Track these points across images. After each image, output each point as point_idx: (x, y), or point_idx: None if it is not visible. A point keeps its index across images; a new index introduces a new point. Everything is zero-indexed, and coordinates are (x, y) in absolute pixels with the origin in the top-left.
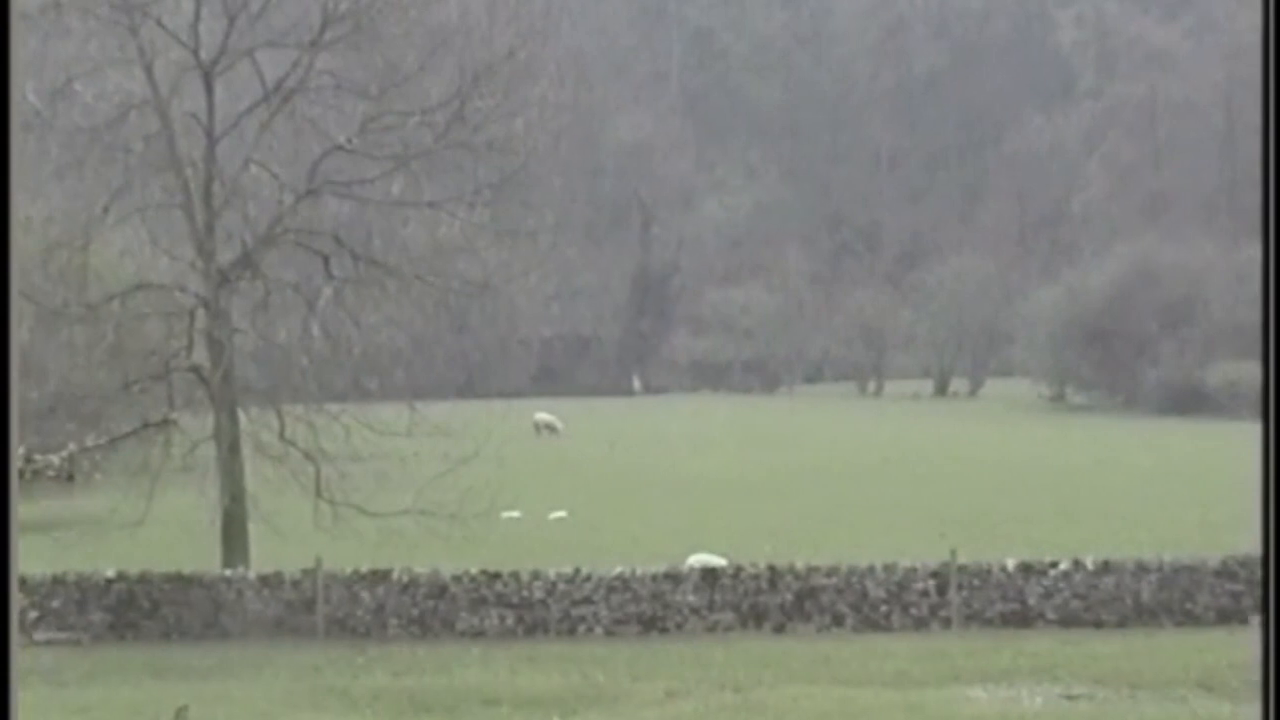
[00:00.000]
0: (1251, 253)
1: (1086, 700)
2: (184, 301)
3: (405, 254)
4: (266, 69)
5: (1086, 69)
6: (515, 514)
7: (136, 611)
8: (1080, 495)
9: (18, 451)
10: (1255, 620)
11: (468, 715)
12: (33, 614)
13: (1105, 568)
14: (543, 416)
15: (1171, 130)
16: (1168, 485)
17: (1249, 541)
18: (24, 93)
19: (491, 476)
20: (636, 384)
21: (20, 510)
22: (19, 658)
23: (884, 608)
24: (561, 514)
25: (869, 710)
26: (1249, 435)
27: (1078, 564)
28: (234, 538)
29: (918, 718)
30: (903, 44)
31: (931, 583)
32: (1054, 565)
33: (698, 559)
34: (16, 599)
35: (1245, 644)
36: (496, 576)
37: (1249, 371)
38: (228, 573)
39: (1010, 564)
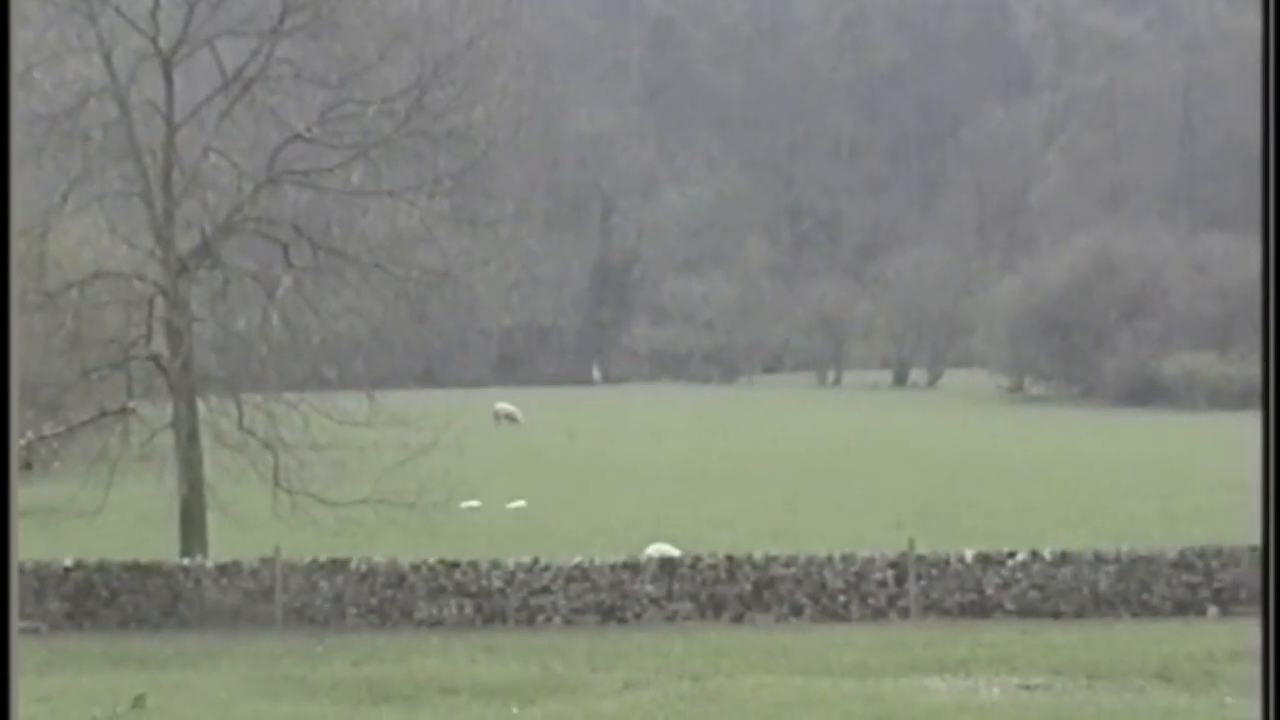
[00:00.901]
0: (1209, 244)
1: (1044, 691)
2: (143, 290)
3: (365, 243)
4: (226, 57)
5: (1045, 60)
6: (474, 503)
7: (94, 600)
8: (1038, 486)
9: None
10: (1212, 611)
11: (426, 704)
12: None
13: (1063, 558)
14: (502, 406)
15: (1130, 122)
16: (1125, 476)
17: (1206, 532)
18: None
19: (451, 466)
20: (596, 374)
21: None
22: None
23: (842, 598)
24: (520, 503)
25: (827, 700)
26: (1206, 426)
27: (1035, 554)
28: (192, 527)
29: (876, 708)
30: (863, 35)
31: (890, 573)
32: (1012, 556)
33: (656, 549)
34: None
35: (1202, 635)
36: (455, 566)
37: (1206, 362)
38: (186, 562)
39: (968, 554)
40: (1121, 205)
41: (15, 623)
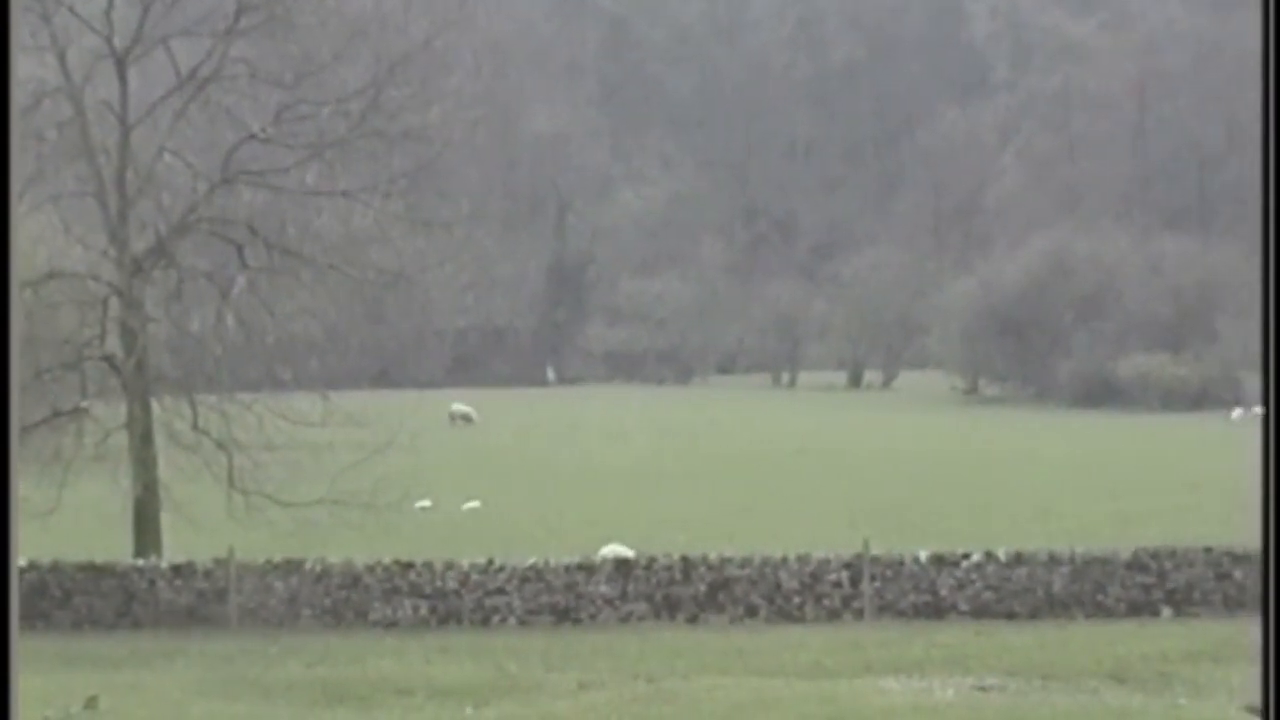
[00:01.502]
0: (1163, 245)
1: (998, 691)
2: (97, 290)
3: (319, 243)
4: (181, 57)
5: (1001, 61)
6: (427, 503)
7: (48, 601)
8: (993, 487)
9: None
10: (1166, 612)
11: (381, 705)
12: None
13: (1017, 559)
14: (458, 407)
15: (1085, 123)
16: (1080, 477)
17: (1160, 533)
18: None
19: (406, 466)
20: (551, 374)
21: None
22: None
23: (797, 599)
24: (475, 504)
25: (782, 701)
26: (1159, 427)
27: (990, 555)
28: (146, 527)
29: (831, 709)
30: (819, 35)
31: (844, 574)
32: (966, 557)
33: (610, 550)
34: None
35: (1156, 636)
36: (410, 566)
37: (1160, 363)
38: (140, 562)
39: (923, 555)
40: (1076, 206)
41: (15, 622)
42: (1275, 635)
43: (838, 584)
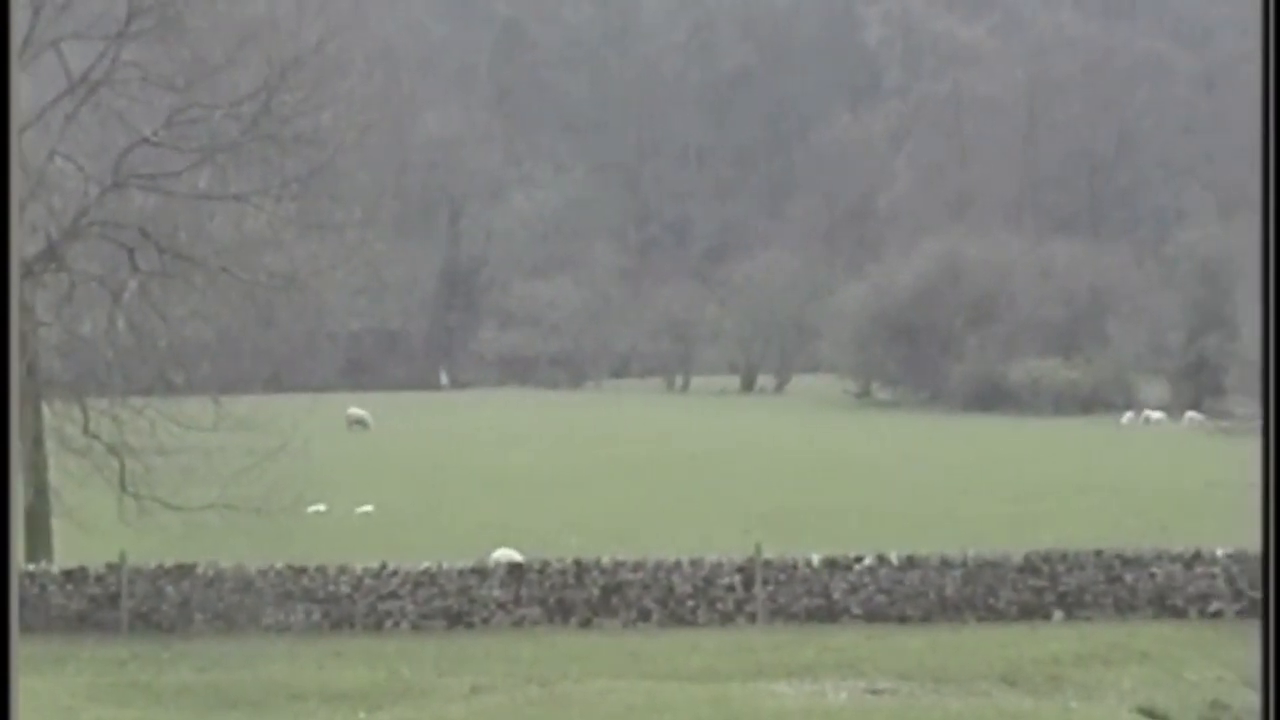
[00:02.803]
0: (1054, 249)
1: (891, 695)
2: None
3: (211, 247)
4: (72, 60)
5: (892, 66)
6: (321, 508)
7: None
8: (885, 491)
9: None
10: (1058, 615)
11: (274, 710)
12: None
13: (910, 563)
14: (354, 411)
15: (976, 128)
16: (972, 481)
17: (1051, 537)
18: None
19: (298, 471)
20: (444, 378)
21: None
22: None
23: (690, 603)
24: (368, 508)
25: (674, 705)
26: (1051, 431)
27: (882, 559)
28: (37, 532)
29: (723, 712)
30: (711, 40)
31: (737, 578)
32: (859, 560)
33: (502, 554)
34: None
35: (1047, 639)
36: (302, 571)
37: (1051, 367)
38: (31, 567)
39: (815, 559)
40: (968, 211)
41: (15, 622)
42: (1275, 635)
43: (730, 588)
